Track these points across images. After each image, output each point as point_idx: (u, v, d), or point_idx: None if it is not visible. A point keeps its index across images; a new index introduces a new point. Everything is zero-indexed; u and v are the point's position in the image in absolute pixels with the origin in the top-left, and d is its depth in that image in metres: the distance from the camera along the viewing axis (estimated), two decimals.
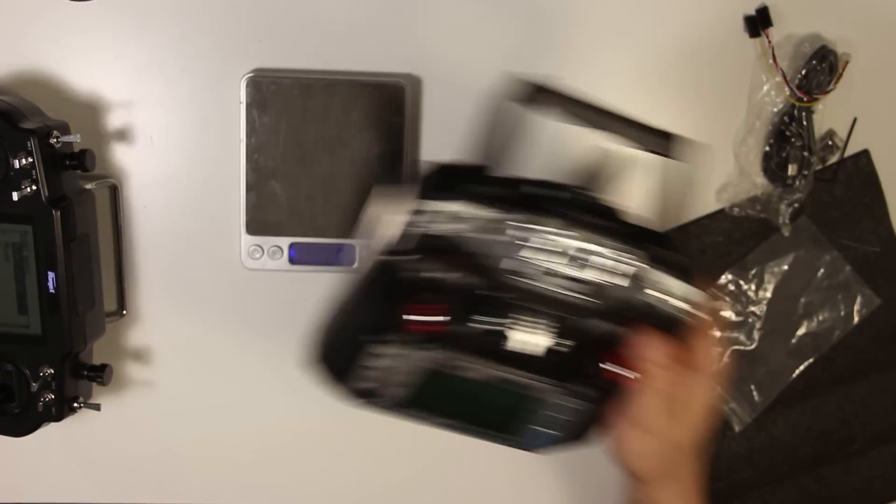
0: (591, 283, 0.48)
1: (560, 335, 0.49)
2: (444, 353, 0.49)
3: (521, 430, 0.55)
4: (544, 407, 0.53)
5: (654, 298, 0.50)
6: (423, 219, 0.46)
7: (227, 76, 0.68)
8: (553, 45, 0.71)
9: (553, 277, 0.48)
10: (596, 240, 0.48)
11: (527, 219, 0.46)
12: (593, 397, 0.53)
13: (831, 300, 0.77)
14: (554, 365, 0.50)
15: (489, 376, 0.50)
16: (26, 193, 0.60)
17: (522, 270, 0.47)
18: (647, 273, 0.49)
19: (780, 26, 0.72)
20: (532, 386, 0.51)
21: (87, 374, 0.67)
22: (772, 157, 0.73)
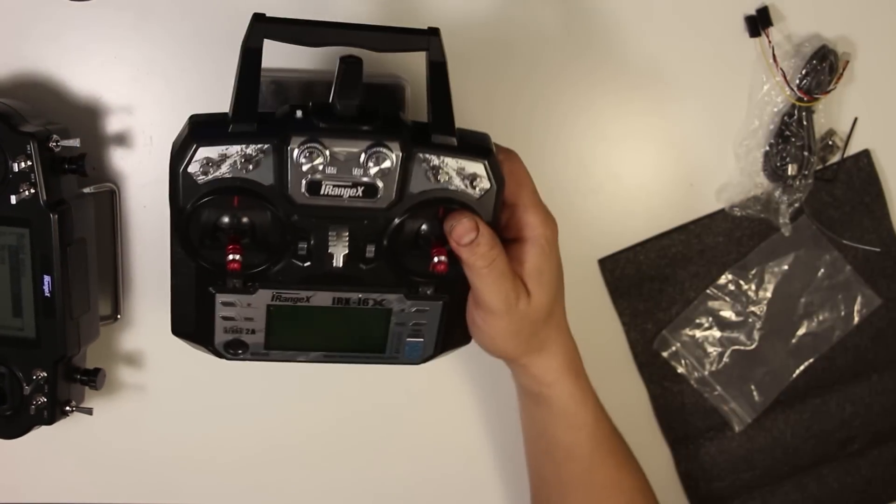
0: (379, 185, 0.50)
1: (369, 241, 0.52)
2: (269, 290, 0.53)
3: (391, 346, 0.58)
4: (399, 318, 0.56)
5: (451, 183, 0.51)
6: (198, 168, 0.49)
7: (227, 75, 0.67)
8: (549, 46, 0.71)
9: (341, 188, 0.50)
10: (374, 141, 0.49)
11: (292, 139, 0.48)
12: (435, 295, 0.56)
13: (832, 300, 0.77)
14: (379, 273, 0.53)
15: (326, 300, 0.54)
16: (24, 197, 0.59)
17: (309, 189, 0.50)
18: (430, 160, 0.51)
19: (781, 26, 0.72)
20: (371, 300, 0.55)
21: (80, 377, 0.66)
22: (772, 156, 0.73)
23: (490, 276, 0.53)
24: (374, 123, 0.50)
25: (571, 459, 0.64)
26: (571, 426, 0.63)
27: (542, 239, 0.56)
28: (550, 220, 0.57)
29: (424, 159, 0.50)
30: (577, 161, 0.73)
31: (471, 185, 0.52)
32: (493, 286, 0.54)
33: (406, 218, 0.52)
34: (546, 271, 0.57)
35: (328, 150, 0.49)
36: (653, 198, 0.75)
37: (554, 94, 0.72)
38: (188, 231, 0.51)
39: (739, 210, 0.74)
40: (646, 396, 0.77)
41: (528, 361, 0.60)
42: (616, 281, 0.75)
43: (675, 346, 0.77)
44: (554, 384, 0.61)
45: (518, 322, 0.56)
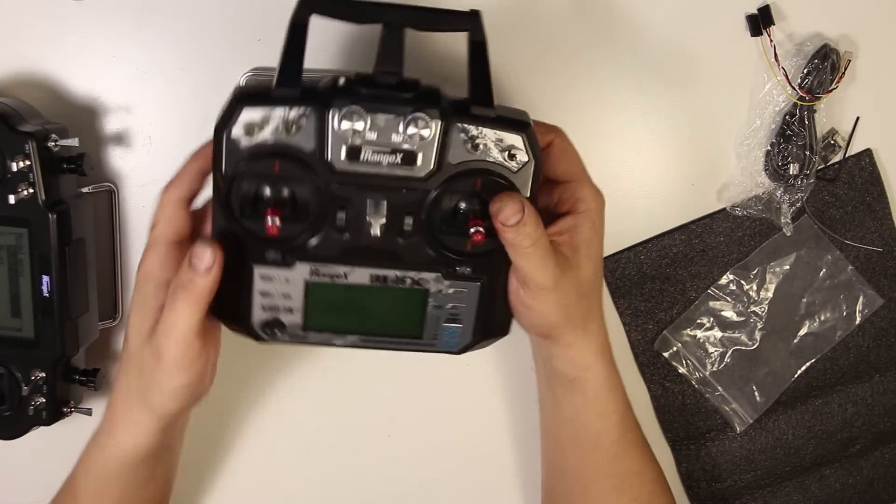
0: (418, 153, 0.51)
1: (407, 212, 0.52)
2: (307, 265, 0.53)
3: (428, 331, 0.57)
4: (436, 300, 0.56)
5: (488, 155, 0.52)
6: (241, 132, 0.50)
7: (227, 75, 0.67)
8: (551, 45, 0.71)
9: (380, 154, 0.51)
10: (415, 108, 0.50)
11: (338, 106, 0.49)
12: (473, 276, 0.55)
13: (833, 300, 0.77)
14: (417, 249, 0.54)
15: (364, 278, 0.54)
16: (23, 196, 0.59)
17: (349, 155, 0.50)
18: (468, 131, 0.51)
19: (782, 25, 0.72)
20: (409, 278, 0.55)
21: (79, 378, 0.66)
22: (774, 156, 0.73)
23: (535, 254, 0.53)
24: (415, 93, 0.50)
25: (598, 449, 0.63)
26: (603, 412, 0.62)
27: (594, 213, 0.57)
28: (599, 194, 0.58)
29: (463, 129, 0.51)
30: None
31: (509, 157, 0.52)
32: (540, 263, 0.53)
33: (444, 189, 0.52)
34: (595, 244, 0.57)
35: (369, 116, 0.49)
36: (654, 197, 0.74)
37: (554, 93, 0.72)
38: (230, 197, 0.51)
39: (741, 210, 0.74)
40: (647, 397, 0.77)
41: (572, 339, 0.59)
42: (617, 281, 0.75)
43: (676, 346, 0.76)
44: (591, 367, 0.60)
45: (567, 295, 0.56)
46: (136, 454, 0.58)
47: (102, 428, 0.59)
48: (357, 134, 0.49)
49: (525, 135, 0.52)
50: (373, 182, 0.51)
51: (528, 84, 0.71)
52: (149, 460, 0.59)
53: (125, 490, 0.61)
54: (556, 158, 0.57)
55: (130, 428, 0.57)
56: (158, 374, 0.53)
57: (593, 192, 0.58)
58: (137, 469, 0.59)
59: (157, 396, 0.54)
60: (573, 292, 0.56)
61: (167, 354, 0.52)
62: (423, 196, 0.52)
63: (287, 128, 0.50)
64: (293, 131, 0.50)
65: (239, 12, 0.68)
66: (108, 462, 0.59)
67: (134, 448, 0.57)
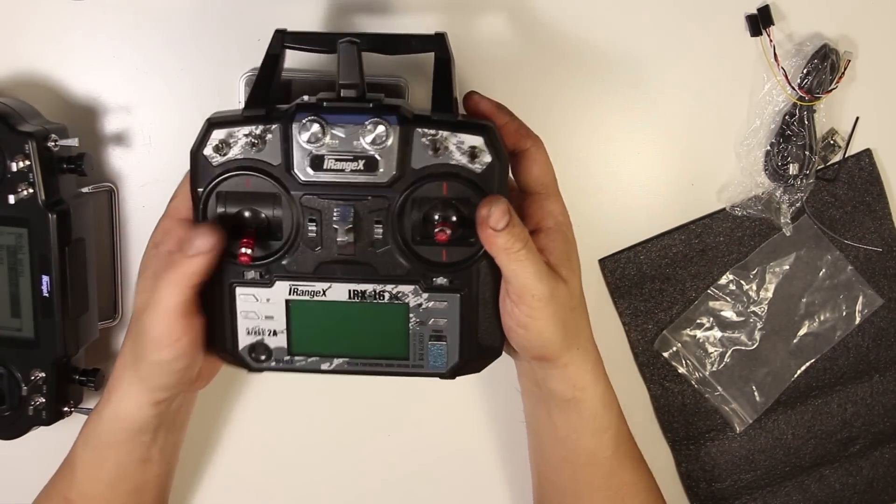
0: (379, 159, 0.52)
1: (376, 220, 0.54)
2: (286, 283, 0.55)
3: (414, 351, 0.57)
4: (417, 314, 0.56)
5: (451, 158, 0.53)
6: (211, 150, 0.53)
7: (227, 75, 0.67)
8: (550, 45, 0.71)
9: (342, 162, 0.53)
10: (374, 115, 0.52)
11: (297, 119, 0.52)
12: (451, 287, 0.55)
13: (833, 300, 0.77)
14: (391, 260, 0.55)
15: (343, 294, 0.55)
16: (23, 196, 0.59)
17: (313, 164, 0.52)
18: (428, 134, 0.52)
19: (782, 25, 0.72)
20: (387, 292, 0.55)
21: (79, 378, 0.66)
22: (773, 156, 0.73)
23: (529, 258, 0.52)
24: (375, 103, 0.53)
25: (592, 464, 0.63)
26: (598, 430, 0.61)
27: (564, 227, 0.57)
28: (565, 208, 0.58)
29: (424, 134, 0.52)
30: (577, 161, 0.73)
31: (471, 159, 0.53)
32: (533, 267, 0.52)
33: (409, 194, 0.53)
34: (574, 258, 0.57)
35: (329, 126, 0.52)
36: (653, 197, 0.74)
37: (553, 93, 0.72)
38: (206, 214, 0.54)
39: (740, 210, 0.74)
40: (646, 397, 0.77)
41: (568, 359, 0.58)
42: (616, 281, 0.75)
43: (675, 346, 0.76)
44: (588, 387, 0.59)
45: (561, 310, 0.55)
46: (130, 425, 0.59)
47: (102, 398, 0.60)
48: (319, 143, 0.52)
49: (486, 136, 0.52)
50: (338, 190, 0.53)
51: (527, 84, 0.71)
52: (144, 436, 0.60)
53: (120, 464, 0.61)
54: (528, 167, 0.56)
55: (125, 397, 0.58)
56: (146, 345, 0.54)
57: (562, 207, 0.57)
58: (132, 442, 0.60)
59: (144, 367, 0.56)
60: (566, 307, 0.55)
61: (151, 329, 0.53)
62: (390, 202, 0.53)
63: (254, 144, 0.52)
64: (260, 146, 0.52)
65: (239, 12, 0.68)
66: (105, 430, 0.60)
67: (128, 418, 0.58)
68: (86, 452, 0.61)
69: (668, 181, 0.74)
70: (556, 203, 0.57)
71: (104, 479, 0.62)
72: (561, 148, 0.72)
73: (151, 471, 0.63)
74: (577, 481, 0.64)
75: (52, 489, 0.65)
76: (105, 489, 0.62)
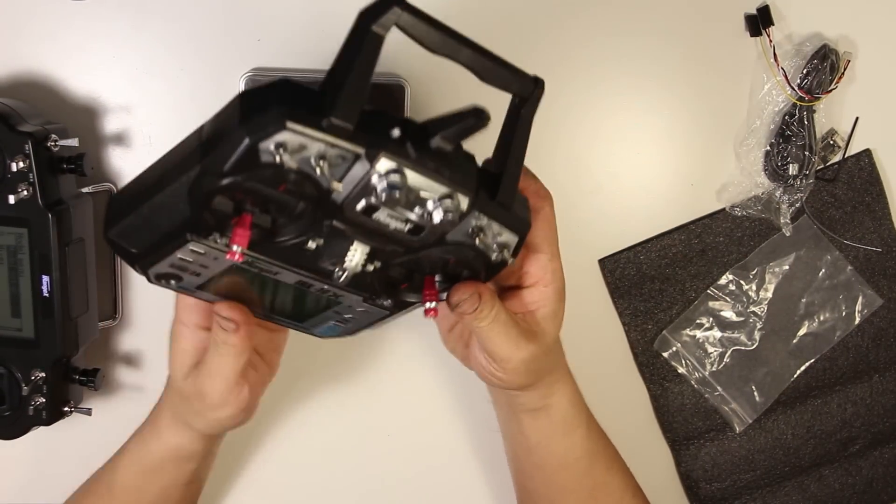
0: (425, 230, 0.47)
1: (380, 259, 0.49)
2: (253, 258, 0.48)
3: (314, 321, 0.57)
4: (340, 309, 0.55)
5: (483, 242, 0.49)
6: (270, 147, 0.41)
7: (226, 75, 0.67)
8: (549, 45, 0.71)
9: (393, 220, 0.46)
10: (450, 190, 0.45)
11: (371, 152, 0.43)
12: (387, 307, 0.54)
13: (832, 300, 0.77)
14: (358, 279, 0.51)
15: (290, 279, 0.51)
16: (23, 197, 0.59)
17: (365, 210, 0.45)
18: (480, 220, 0.48)
19: (782, 25, 0.72)
20: (333, 293, 0.52)
21: (79, 378, 0.66)
22: (773, 156, 0.73)
23: (494, 328, 0.53)
24: (453, 167, 0.46)
25: (564, 467, 0.64)
26: (568, 431, 0.63)
27: (559, 283, 0.57)
28: (562, 269, 0.58)
29: (477, 216, 0.48)
30: (577, 161, 0.73)
31: (497, 250, 0.50)
32: (501, 337, 0.54)
33: (425, 254, 0.50)
34: (560, 312, 0.57)
35: (406, 187, 0.44)
36: (653, 197, 0.75)
37: (553, 93, 0.71)
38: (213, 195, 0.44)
39: (740, 210, 0.74)
40: (646, 397, 0.77)
41: (538, 385, 0.60)
42: (616, 281, 0.75)
43: (675, 346, 0.76)
44: (555, 393, 0.61)
45: (533, 363, 0.56)
46: (180, 453, 0.60)
47: (147, 428, 0.61)
48: (385, 198, 0.44)
49: (520, 238, 0.51)
50: (369, 234, 0.47)
51: None
52: (192, 463, 0.62)
53: (164, 487, 0.62)
54: (538, 226, 0.56)
55: (176, 434, 0.60)
56: (202, 408, 0.56)
57: (560, 265, 0.57)
58: (180, 467, 0.61)
59: (200, 422, 0.58)
60: (540, 357, 0.56)
61: (211, 395, 0.54)
62: (403, 253, 0.49)
63: (318, 163, 0.42)
64: (322, 166, 0.42)
65: (239, 12, 0.68)
66: (152, 455, 0.61)
67: (178, 447, 0.60)
68: (128, 475, 0.62)
69: (668, 181, 0.74)
70: (558, 262, 0.57)
71: (145, 500, 0.63)
72: (561, 148, 0.72)
73: (192, 491, 0.65)
74: (549, 486, 0.65)
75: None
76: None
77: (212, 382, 0.54)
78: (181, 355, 0.55)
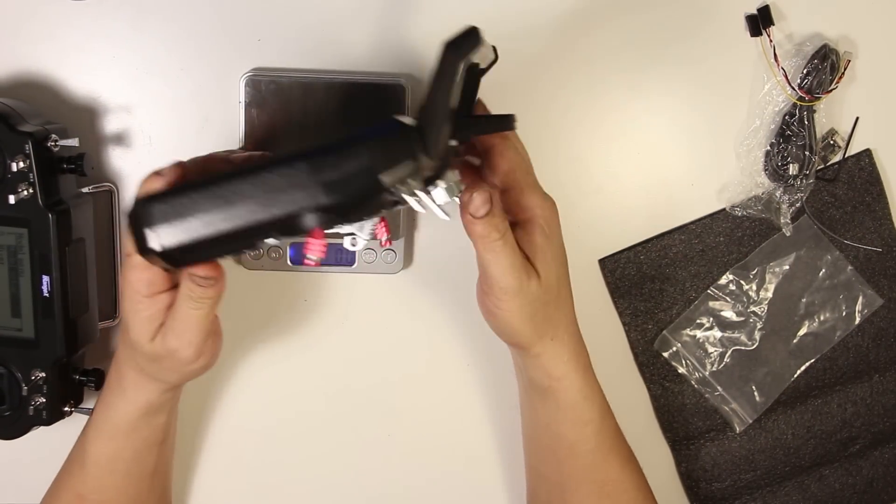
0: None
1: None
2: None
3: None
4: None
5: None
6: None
7: (226, 75, 0.68)
8: (549, 45, 0.71)
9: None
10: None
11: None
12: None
13: (833, 300, 0.77)
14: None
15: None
16: (23, 197, 0.60)
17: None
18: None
19: (782, 25, 0.72)
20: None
21: (79, 378, 0.67)
22: (773, 156, 0.73)
23: (504, 249, 0.53)
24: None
25: (575, 456, 0.64)
26: (578, 421, 0.62)
27: (541, 219, 0.56)
28: (548, 201, 0.57)
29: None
30: (577, 161, 0.73)
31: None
32: (507, 260, 0.54)
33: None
34: (548, 250, 0.57)
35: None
36: (653, 197, 0.74)
37: (553, 93, 0.72)
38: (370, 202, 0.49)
39: (740, 210, 0.74)
40: (646, 396, 0.77)
41: (541, 349, 0.60)
42: (616, 281, 0.75)
43: (675, 346, 0.76)
44: (563, 378, 0.61)
45: (531, 303, 0.56)
46: (150, 408, 0.60)
47: (109, 395, 0.61)
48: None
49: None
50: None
51: (527, 85, 0.71)
52: (162, 415, 0.62)
53: (137, 450, 0.62)
54: (495, 163, 0.57)
55: (144, 391, 0.59)
56: (175, 364, 0.56)
57: (540, 199, 0.57)
58: (150, 426, 0.62)
59: (172, 376, 0.58)
60: (536, 300, 0.56)
61: (182, 352, 0.54)
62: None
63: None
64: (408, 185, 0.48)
65: (239, 12, 0.68)
66: (122, 418, 0.61)
67: (148, 403, 0.60)
68: (99, 445, 0.62)
69: (668, 181, 0.74)
70: (532, 197, 0.57)
71: (120, 469, 0.62)
72: (561, 148, 0.72)
73: (164, 453, 0.65)
74: (561, 473, 0.65)
75: (62, 488, 0.65)
76: (121, 479, 0.63)
77: (181, 340, 0.54)
78: (144, 324, 0.54)
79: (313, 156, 0.47)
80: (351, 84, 0.67)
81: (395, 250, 0.70)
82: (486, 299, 0.57)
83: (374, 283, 0.72)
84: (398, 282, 0.73)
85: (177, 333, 0.53)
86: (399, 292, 0.73)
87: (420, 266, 0.73)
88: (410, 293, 0.73)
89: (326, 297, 0.73)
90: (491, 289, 0.55)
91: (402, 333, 0.74)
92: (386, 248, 0.70)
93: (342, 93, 0.67)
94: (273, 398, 0.74)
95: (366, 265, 0.70)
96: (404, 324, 0.74)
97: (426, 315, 0.74)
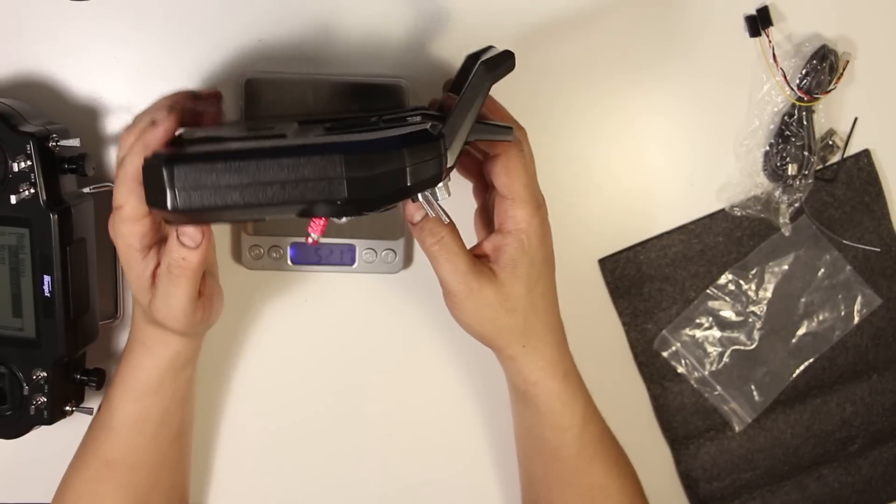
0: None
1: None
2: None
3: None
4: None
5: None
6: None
7: (227, 75, 0.68)
8: (549, 45, 0.71)
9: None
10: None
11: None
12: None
13: (832, 300, 0.77)
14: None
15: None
16: (24, 197, 0.59)
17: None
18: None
19: (781, 26, 0.72)
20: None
21: (81, 377, 0.67)
22: (772, 156, 0.73)
23: (441, 253, 0.55)
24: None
25: (558, 460, 0.64)
26: (557, 427, 0.63)
27: (523, 234, 0.57)
28: (536, 217, 0.57)
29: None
30: (577, 161, 0.73)
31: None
32: (449, 265, 0.55)
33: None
34: (521, 264, 0.57)
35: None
36: (653, 198, 0.75)
37: (553, 93, 0.72)
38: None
39: (739, 210, 0.74)
40: (646, 396, 0.77)
41: (513, 354, 0.61)
42: (616, 281, 0.75)
43: (675, 345, 0.77)
44: (539, 383, 0.61)
45: (488, 308, 0.57)
46: (176, 362, 0.61)
47: (133, 355, 0.62)
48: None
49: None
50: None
51: (527, 85, 0.71)
52: (188, 368, 0.63)
53: (166, 409, 0.63)
54: (497, 172, 0.57)
55: (169, 345, 0.60)
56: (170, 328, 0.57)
57: (528, 215, 0.57)
58: (178, 377, 0.63)
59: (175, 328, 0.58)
60: (493, 305, 0.57)
61: (170, 322, 0.56)
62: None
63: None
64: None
65: (239, 13, 0.68)
66: (149, 374, 0.61)
67: (175, 355, 0.61)
68: (127, 406, 0.62)
69: (668, 181, 0.75)
70: (522, 210, 0.57)
71: (149, 428, 0.63)
72: (561, 148, 0.72)
73: (188, 411, 0.66)
74: (547, 475, 0.66)
75: (88, 455, 0.65)
76: (149, 440, 0.64)
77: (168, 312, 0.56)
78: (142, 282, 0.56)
79: (349, 151, 0.48)
80: (351, 84, 0.67)
81: (395, 250, 0.70)
82: (444, 299, 0.59)
83: (374, 283, 0.73)
84: (398, 282, 0.73)
85: (165, 303, 0.55)
86: (399, 292, 0.73)
87: (420, 266, 0.73)
88: (410, 293, 0.73)
89: (327, 296, 0.73)
90: (442, 290, 0.58)
91: (403, 333, 0.74)
92: (386, 248, 0.70)
93: (343, 93, 0.67)
94: (273, 398, 0.75)
95: (366, 265, 0.70)
96: (404, 324, 0.74)
97: (426, 315, 0.74)
